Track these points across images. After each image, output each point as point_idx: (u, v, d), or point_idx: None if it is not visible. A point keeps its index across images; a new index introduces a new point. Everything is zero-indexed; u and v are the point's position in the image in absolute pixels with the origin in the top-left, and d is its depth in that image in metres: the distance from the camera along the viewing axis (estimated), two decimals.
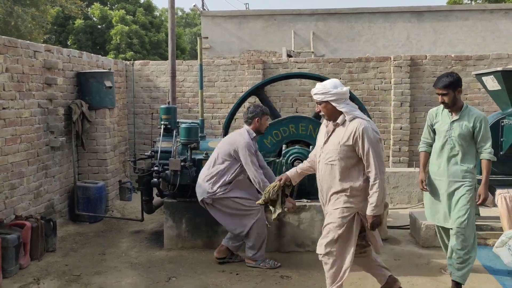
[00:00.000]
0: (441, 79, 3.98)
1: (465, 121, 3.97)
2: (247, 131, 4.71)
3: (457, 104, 4.00)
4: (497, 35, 15.00)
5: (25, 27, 17.49)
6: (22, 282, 4.34)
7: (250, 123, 4.74)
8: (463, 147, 3.99)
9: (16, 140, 5.30)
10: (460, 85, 3.96)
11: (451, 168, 4.04)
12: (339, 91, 3.44)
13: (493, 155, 3.97)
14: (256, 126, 4.73)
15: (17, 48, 5.30)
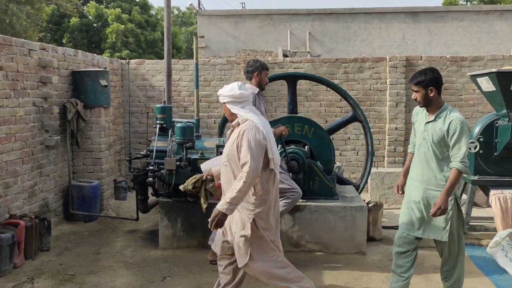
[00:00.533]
0: (415, 75, 3.66)
1: (440, 124, 3.58)
2: (250, 87, 4.64)
3: (432, 103, 3.63)
4: (492, 36, 15.08)
5: (20, 25, 17.40)
6: (16, 281, 4.32)
7: (250, 77, 4.75)
8: (438, 152, 3.59)
9: (11, 138, 5.27)
10: (434, 84, 3.58)
11: (426, 174, 3.65)
12: (233, 94, 3.41)
13: (466, 166, 3.46)
14: (256, 80, 4.73)
15: (12, 46, 5.27)
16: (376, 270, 4.60)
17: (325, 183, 5.22)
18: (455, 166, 3.48)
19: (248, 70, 4.76)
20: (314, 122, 5.45)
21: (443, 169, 3.59)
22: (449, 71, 8.14)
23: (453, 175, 3.49)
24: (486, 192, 5.65)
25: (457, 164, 3.47)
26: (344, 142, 8.36)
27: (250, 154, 3.20)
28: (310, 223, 5.06)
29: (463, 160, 3.46)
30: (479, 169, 5.46)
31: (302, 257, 4.93)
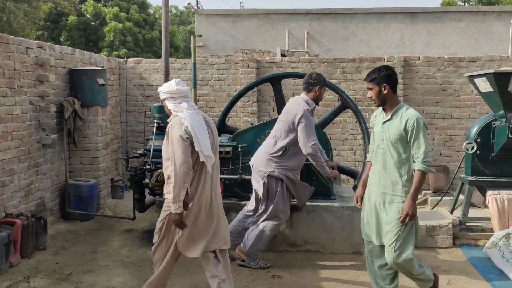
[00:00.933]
0: (370, 73, 3.55)
1: (396, 122, 3.43)
2: (306, 100, 4.58)
3: (387, 101, 3.49)
4: (490, 37, 15.10)
5: (18, 23, 17.33)
6: (12, 280, 4.30)
7: (310, 90, 4.63)
8: (395, 153, 3.43)
9: (7, 137, 5.25)
10: (388, 81, 3.44)
11: (383, 178, 3.49)
12: (171, 90, 3.48)
13: (428, 165, 3.36)
14: (316, 94, 4.63)
15: (9, 45, 5.25)
16: None
17: (322, 183, 5.22)
18: (417, 168, 3.37)
19: (311, 82, 4.61)
20: None
21: (401, 172, 3.44)
22: (446, 71, 8.15)
23: (416, 177, 3.37)
24: (483, 192, 5.66)
25: (419, 165, 3.36)
26: (342, 142, 8.36)
27: (172, 150, 3.33)
28: (307, 223, 5.05)
29: (424, 159, 3.35)
30: (476, 169, 5.47)
31: (299, 257, 4.93)
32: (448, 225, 5.25)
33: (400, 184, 3.44)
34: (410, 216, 3.35)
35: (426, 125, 3.44)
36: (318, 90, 4.62)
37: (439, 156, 8.20)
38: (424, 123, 3.42)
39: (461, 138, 7.98)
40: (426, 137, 3.40)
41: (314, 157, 4.53)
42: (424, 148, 3.36)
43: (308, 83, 4.64)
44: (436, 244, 5.23)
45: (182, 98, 3.51)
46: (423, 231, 5.24)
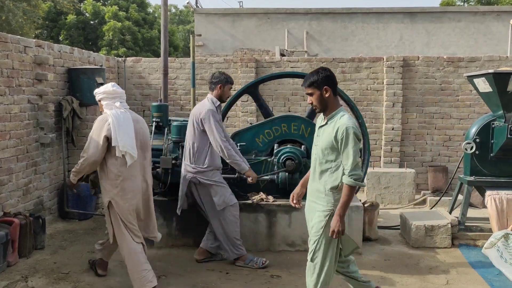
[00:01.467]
0: (307, 77, 3.30)
1: (329, 128, 3.20)
2: (211, 99, 4.68)
3: (329, 106, 3.25)
4: (489, 37, 15.11)
5: (16, 21, 17.30)
6: (9, 280, 4.29)
7: (213, 88, 4.72)
8: (323, 160, 3.23)
9: (5, 136, 5.23)
10: (329, 83, 3.22)
11: (311, 184, 3.36)
12: (107, 90, 3.98)
13: (356, 179, 3.09)
14: (218, 92, 4.69)
15: (7, 43, 5.24)
16: (372, 270, 4.59)
17: None
18: (344, 181, 3.13)
19: (212, 81, 4.71)
20: (311, 121, 5.43)
21: (326, 181, 3.23)
22: (446, 71, 8.15)
23: (344, 191, 3.14)
24: (481, 192, 5.65)
25: (345, 179, 3.12)
26: None
27: (87, 142, 3.83)
28: (306, 223, 5.03)
29: (352, 173, 3.09)
30: (475, 169, 5.46)
31: (298, 257, 4.92)
32: (447, 225, 5.25)
33: (323, 193, 3.24)
34: (336, 233, 3.13)
35: (357, 135, 3.12)
36: (220, 88, 4.69)
37: (438, 156, 8.21)
38: (355, 133, 3.11)
39: (460, 138, 7.98)
40: (356, 148, 3.10)
41: (228, 154, 4.54)
42: (353, 160, 3.09)
43: (210, 82, 4.75)
44: (434, 244, 5.23)
45: (117, 98, 3.97)
46: (422, 232, 5.23)
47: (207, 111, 4.53)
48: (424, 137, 8.23)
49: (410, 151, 8.25)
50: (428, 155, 8.23)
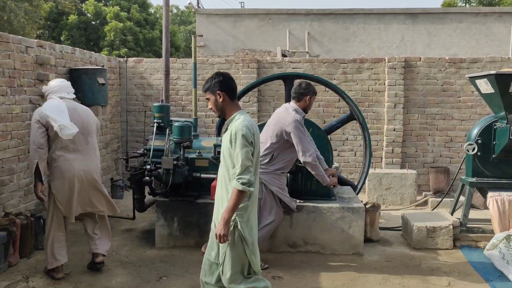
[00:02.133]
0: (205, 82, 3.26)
1: (227, 134, 3.09)
2: (296, 109, 4.61)
3: (225, 111, 3.17)
4: (491, 38, 15.10)
5: (18, 22, 17.32)
6: (10, 280, 4.29)
7: (299, 99, 4.65)
8: (225, 167, 3.11)
9: (7, 136, 5.23)
10: (222, 88, 3.14)
11: (217, 192, 3.21)
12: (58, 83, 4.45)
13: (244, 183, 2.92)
14: (305, 104, 4.66)
15: (9, 43, 5.24)
16: (373, 271, 4.59)
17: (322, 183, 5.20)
18: (232, 185, 2.98)
19: (301, 92, 4.64)
20: (312, 122, 5.42)
21: (227, 189, 3.08)
22: (447, 72, 8.14)
23: (232, 195, 2.96)
24: (483, 194, 5.64)
25: (234, 183, 2.95)
26: (342, 143, 8.35)
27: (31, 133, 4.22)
28: (307, 224, 5.04)
29: (240, 176, 2.93)
30: (477, 171, 5.45)
31: (299, 257, 4.92)
32: (449, 226, 5.24)
33: (225, 200, 3.07)
34: (220, 237, 2.96)
35: (246, 137, 2.96)
36: (308, 100, 4.67)
37: (440, 157, 8.19)
38: (244, 135, 2.96)
39: (462, 139, 7.97)
40: (244, 151, 2.95)
41: (312, 166, 4.56)
42: (241, 163, 2.94)
43: (298, 92, 4.67)
44: (436, 246, 5.22)
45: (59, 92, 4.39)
46: (423, 233, 5.22)
47: (293, 121, 4.47)
48: (426, 138, 8.22)
49: (412, 152, 8.24)
50: (430, 156, 8.21)
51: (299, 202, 5.09)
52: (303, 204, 5.06)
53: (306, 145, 4.48)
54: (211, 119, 8.47)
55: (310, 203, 5.08)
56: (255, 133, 3.06)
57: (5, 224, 4.52)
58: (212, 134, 7.90)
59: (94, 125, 4.51)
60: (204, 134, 8.11)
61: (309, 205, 5.05)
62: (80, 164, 4.30)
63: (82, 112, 4.42)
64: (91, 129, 4.46)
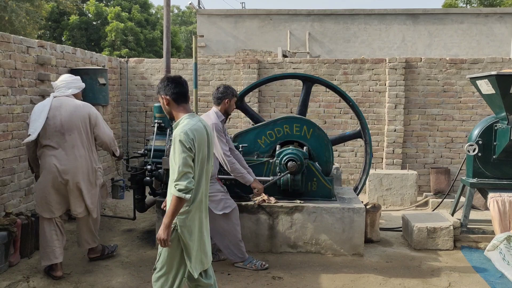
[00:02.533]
0: None
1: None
2: (215, 113, 4.71)
3: (172, 115, 3.15)
4: (492, 39, 15.10)
5: (19, 22, 17.34)
6: (11, 280, 4.29)
7: (219, 103, 4.74)
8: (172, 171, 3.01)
9: (8, 136, 5.24)
10: (167, 93, 3.10)
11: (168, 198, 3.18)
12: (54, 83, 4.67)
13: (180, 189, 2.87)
14: (225, 107, 4.73)
15: (10, 44, 5.24)
16: (374, 272, 4.59)
17: (323, 184, 5.21)
18: (171, 192, 2.96)
19: (219, 96, 4.71)
20: (313, 122, 5.43)
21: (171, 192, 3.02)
22: (448, 73, 8.13)
23: (171, 201, 2.94)
24: (484, 195, 5.64)
25: (173, 189, 2.91)
26: (343, 144, 8.34)
27: None
28: (308, 224, 5.04)
29: (177, 182, 2.88)
30: (478, 172, 5.45)
31: (299, 258, 4.92)
32: (449, 227, 5.24)
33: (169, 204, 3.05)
34: (159, 241, 2.98)
35: (184, 143, 2.90)
36: (227, 102, 4.73)
37: (440, 158, 8.19)
38: (181, 141, 2.90)
39: (463, 140, 7.97)
40: (183, 157, 2.88)
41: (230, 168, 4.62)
42: (178, 169, 2.88)
43: (216, 97, 4.75)
44: (437, 246, 5.22)
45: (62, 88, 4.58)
46: (424, 234, 5.22)
47: (211, 125, 4.52)
48: (426, 138, 8.22)
49: (412, 152, 8.24)
50: (430, 156, 8.21)
51: (300, 202, 5.10)
52: (303, 205, 5.07)
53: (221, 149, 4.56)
54: None
55: (311, 204, 5.08)
56: (198, 138, 2.98)
57: (5, 224, 4.53)
58: None
59: (79, 122, 4.41)
60: None
61: (310, 206, 5.05)
62: (58, 162, 4.32)
63: (65, 110, 4.39)
64: (72, 127, 4.37)
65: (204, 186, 3.13)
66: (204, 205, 3.16)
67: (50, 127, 4.33)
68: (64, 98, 4.52)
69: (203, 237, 3.14)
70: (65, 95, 4.54)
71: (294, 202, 5.10)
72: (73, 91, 4.61)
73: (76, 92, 4.66)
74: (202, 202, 3.12)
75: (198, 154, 2.99)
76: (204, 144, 3.05)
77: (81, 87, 4.74)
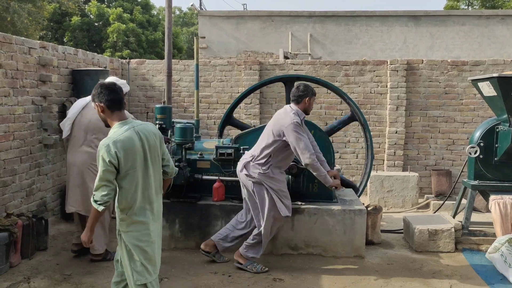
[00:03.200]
0: None
1: None
2: (296, 111, 4.60)
3: (107, 122, 3.15)
4: (493, 41, 15.09)
5: (21, 23, 17.37)
6: (12, 281, 4.30)
7: (299, 102, 4.64)
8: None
9: (9, 137, 5.25)
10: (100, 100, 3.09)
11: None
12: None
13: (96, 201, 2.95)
14: (305, 105, 4.65)
15: (12, 44, 5.25)
16: (375, 274, 4.58)
17: (324, 186, 5.19)
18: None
19: (299, 94, 4.62)
20: (314, 124, 5.42)
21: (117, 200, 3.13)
22: (450, 75, 8.13)
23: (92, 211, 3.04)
24: (485, 197, 5.63)
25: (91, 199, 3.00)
26: (344, 145, 8.34)
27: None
28: (309, 226, 5.03)
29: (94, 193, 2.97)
30: (479, 174, 5.44)
31: (300, 260, 4.91)
32: (451, 229, 5.23)
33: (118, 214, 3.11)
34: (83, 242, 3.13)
35: (104, 157, 2.91)
36: (308, 101, 4.66)
37: (442, 160, 8.18)
38: (102, 155, 2.92)
39: (464, 142, 7.95)
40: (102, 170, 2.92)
41: (313, 167, 4.54)
42: (96, 182, 2.96)
43: (297, 95, 4.66)
44: (438, 249, 5.21)
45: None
46: (425, 236, 5.21)
47: (291, 123, 4.44)
48: (428, 140, 8.21)
49: (414, 154, 8.23)
50: (432, 158, 8.20)
51: (301, 204, 5.09)
52: (304, 207, 5.06)
53: (305, 147, 4.46)
54: (213, 121, 8.47)
55: (312, 205, 5.07)
56: (125, 147, 2.95)
57: (7, 225, 4.53)
58: (214, 136, 7.90)
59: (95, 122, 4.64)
60: (206, 136, 8.12)
61: (311, 207, 5.05)
62: (77, 157, 4.75)
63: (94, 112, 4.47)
64: (96, 128, 4.68)
65: (150, 191, 3.11)
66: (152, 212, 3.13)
67: (77, 124, 4.78)
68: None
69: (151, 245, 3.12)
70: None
71: (295, 203, 5.09)
72: None
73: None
74: (146, 209, 3.10)
75: (126, 163, 2.97)
76: (135, 152, 3.01)
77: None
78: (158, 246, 3.22)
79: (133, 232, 3.07)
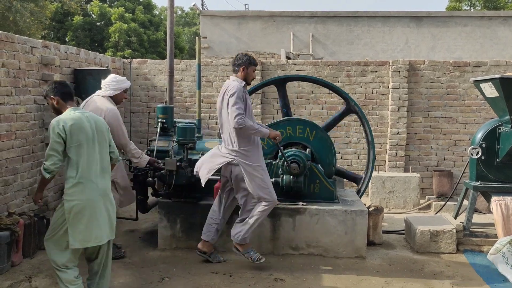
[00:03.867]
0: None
1: None
2: (235, 79, 4.55)
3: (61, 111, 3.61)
4: (495, 42, 15.07)
5: (24, 22, 17.40)
6: (13, 280, 4.30)
7: (236, 71, 4.61)
8: None
9: (11, 136, 5.25)
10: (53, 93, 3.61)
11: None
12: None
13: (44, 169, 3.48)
14: (243, 74, 4.58)
15: (14, 44, 5.26)
16: (376, 275, 4.58)
17: (325, 186, 5.20)
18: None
19: (235, 63, 4.60)
20: (316, 124, 5.43)
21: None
22: (452, 76, 8.12)
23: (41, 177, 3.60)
24: (487, 198, 5.62)
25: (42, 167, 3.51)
26: (346, 146, 8.34)
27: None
28: (310, 226, 5.03)
29: (44, 162, 3.48)
30: (481, 175, 5.43)
31: (301, 260, 4.91)
32: (452, 230, 5.22)
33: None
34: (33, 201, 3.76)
35: (53, 130, 3.41)
36: (243, 70, 4.57)
37: (443, 161, 8.17)
38: (52, 128, 3.42)
39: (466, 143, 7.95)
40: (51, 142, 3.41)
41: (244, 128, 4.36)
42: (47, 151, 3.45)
43: (233, 64, 4.65)
44: (439, 250, 5.20)
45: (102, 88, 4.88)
46: (427, 236, 5.21)
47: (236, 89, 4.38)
48: (429, 141, 8.20)
49: (415, 155, 8.22)
50: (433, 159, 8.19)
51: (302, 204, 5.09)
52: (306, 207, 5.06)
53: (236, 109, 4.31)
54: (215, 121, 8.48)
55: (313, 206, 5.07)
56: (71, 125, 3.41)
57: (8, 224, 4.54)
58: (215, 135, 7.90)
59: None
60: (208, 136, 8.12)
61: (312, 208, 5.05)
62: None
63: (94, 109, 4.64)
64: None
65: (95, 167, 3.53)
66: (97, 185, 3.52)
67: None
68: (96, 97, 4.84)
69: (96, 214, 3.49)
70: (103, 95, 4.84)
71: (297, 204, 5.10)
72: (110, 93, 4.86)
73: (114, 94, 4.87)
74: (92, 181, 3.50)
75: (71, 137, 3.42)
76: (82, 130, 3.46)
77: (120, 89, 4.92)
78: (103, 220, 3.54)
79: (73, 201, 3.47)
